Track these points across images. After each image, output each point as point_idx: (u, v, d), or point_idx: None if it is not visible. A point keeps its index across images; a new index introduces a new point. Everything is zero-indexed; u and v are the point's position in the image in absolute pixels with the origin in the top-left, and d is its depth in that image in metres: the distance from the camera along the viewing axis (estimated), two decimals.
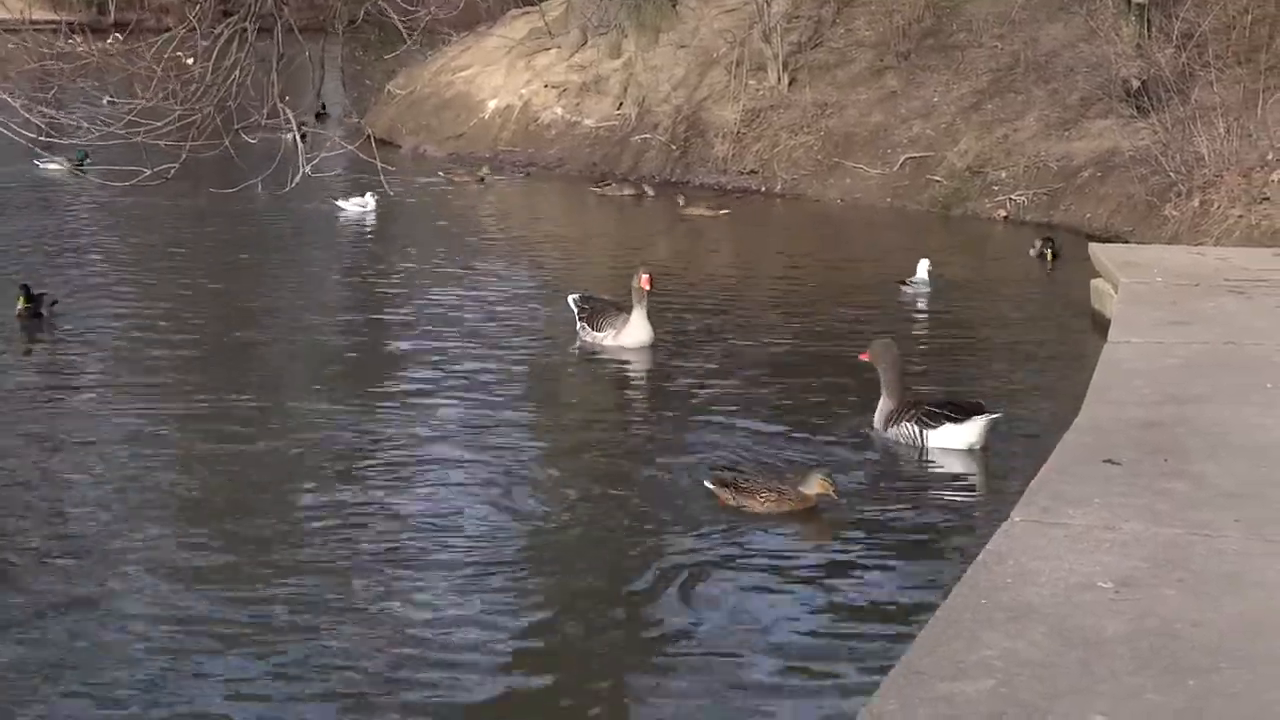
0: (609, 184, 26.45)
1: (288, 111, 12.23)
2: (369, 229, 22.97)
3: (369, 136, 15.65)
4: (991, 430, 11.51)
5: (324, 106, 31.28)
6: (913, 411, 11.59)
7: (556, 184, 28.04)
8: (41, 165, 24.32)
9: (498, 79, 31.70)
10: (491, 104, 31.35)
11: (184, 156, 11.91)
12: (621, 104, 29.33)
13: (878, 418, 11.92)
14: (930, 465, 11.32)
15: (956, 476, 11.13)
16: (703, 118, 28.14)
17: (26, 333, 14.90)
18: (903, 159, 25.47)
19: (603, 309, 14.90)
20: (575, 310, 15.08)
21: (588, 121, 29.53)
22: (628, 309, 14.64)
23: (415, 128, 32.30)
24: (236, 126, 12.40)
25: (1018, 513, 7.38)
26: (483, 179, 26.92)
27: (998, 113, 25.40)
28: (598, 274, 18.88)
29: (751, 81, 27.85)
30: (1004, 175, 24.05)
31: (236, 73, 12.00)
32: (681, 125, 28.25)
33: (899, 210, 24.63)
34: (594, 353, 14.70)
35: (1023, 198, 23.45)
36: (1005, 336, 15.99)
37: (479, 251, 20.87)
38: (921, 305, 17.47)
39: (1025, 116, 24.96)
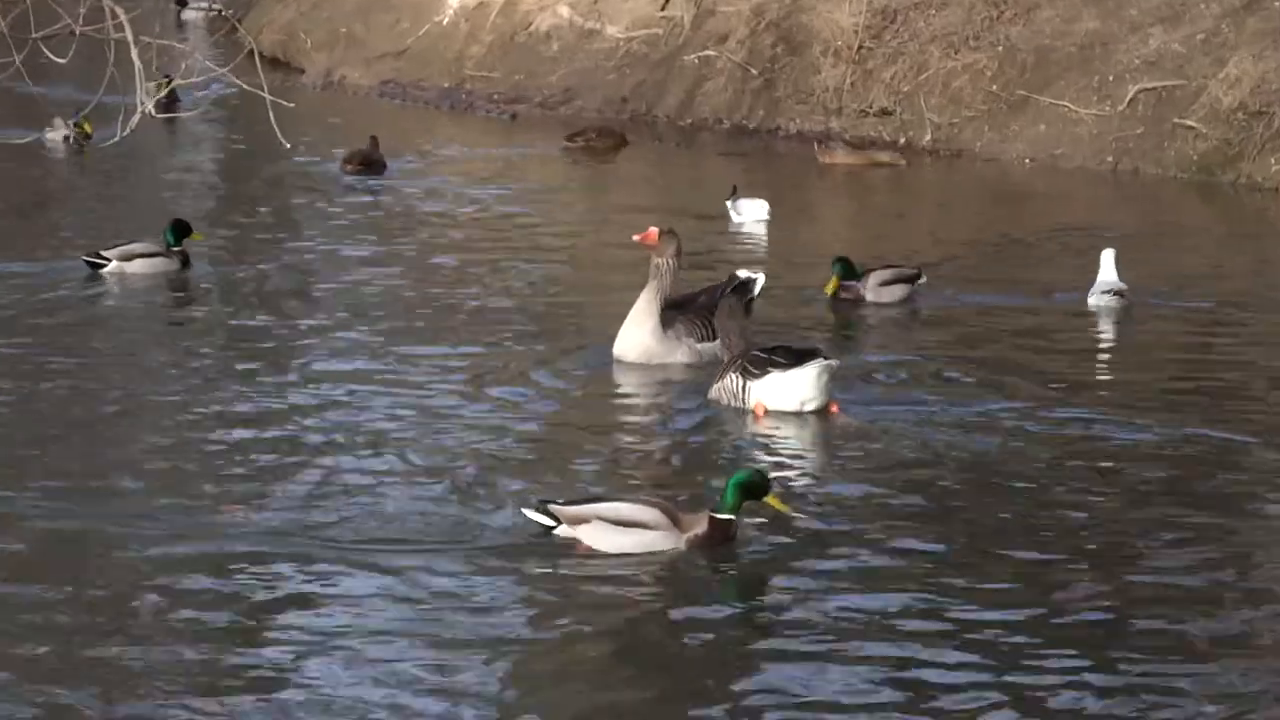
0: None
1: (118, 10, 9.58)
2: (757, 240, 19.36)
3: (252, 52, 11.86)
4: (832, 381, 11.62)
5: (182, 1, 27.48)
6: (738, 361, 11.86)
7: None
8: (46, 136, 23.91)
9: None
10: (453, 1, 24.88)
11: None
12: (668, 1, 22.34)
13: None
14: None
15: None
16: (801, 23, 21.49)
17: None
18: (1133, 92, 20.53)
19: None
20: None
21: (612, 30, 22.72)
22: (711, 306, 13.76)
23: (327, 39, 26.30)
24: (34, 36, 9.85)
25: None
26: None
27: None
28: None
29: None
30: None
31: None
32: (767, 36, 21.39)
33: (1128, 176, 19.79)
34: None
35: None
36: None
37: None
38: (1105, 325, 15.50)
39: None
